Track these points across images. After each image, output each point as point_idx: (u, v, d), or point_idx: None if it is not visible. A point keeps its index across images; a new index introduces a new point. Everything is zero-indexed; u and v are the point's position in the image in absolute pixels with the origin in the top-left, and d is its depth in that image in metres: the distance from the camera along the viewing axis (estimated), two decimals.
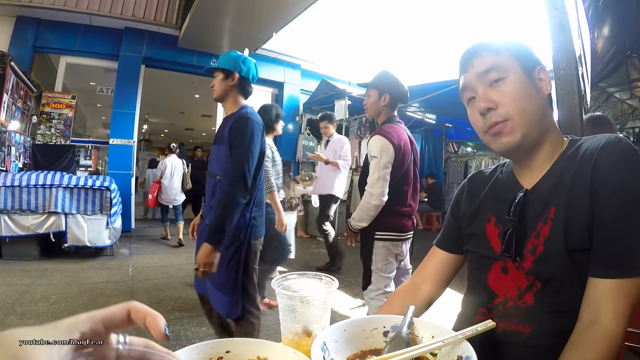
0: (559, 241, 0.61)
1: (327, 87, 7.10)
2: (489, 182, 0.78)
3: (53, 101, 5.80)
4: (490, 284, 0.71)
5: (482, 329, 0.50)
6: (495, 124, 0.66)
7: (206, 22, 5.63)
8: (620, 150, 0.59)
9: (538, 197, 0.66)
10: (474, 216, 0.77)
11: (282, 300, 0.58)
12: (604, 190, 0.58)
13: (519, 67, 0.66)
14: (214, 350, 0.49)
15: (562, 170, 0.65)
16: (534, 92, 0.66)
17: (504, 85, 0.66)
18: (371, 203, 1.81)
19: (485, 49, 0.69)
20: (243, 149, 1.53)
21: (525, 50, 0.69)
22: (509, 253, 0.66)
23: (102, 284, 3.39)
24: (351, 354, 0.54)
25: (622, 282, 0.55)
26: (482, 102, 0.67)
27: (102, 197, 4.29)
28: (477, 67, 0.68)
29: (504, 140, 0.66)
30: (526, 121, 0.64)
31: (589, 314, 0.57)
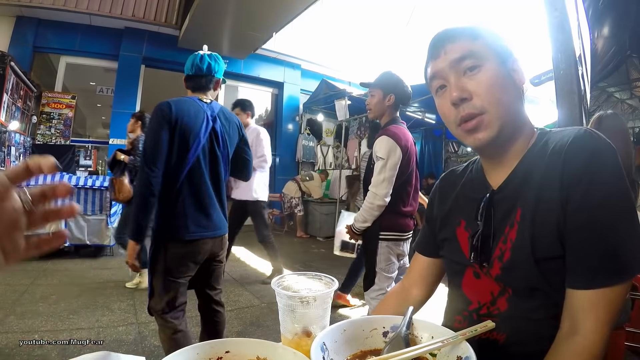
0: (526, 248, 0.57)
1: (327, 87, 7.10)
2: (460, 182, 0.74)
3: (53, 101, 5.80)
4: (464, 290, 0.68)
5: (482, 330, 0.50)
6: (469, 116, 0.60)
7: (206, 22, 5.63)
8: (591, 146, 0.54)
9: (504, 198, 0.62)
10: (446, 220, 0.74)
11: (281, 300, 0.58)
12: (576, 192, 0.53)
13: (495, 56, 0.61)
14: (214, 350, 0.49)
15: (528, 167, 0.61)
16: (510, 83, 0.62)
17: (480, 74, 0.60)
18: (375, 203, 1.81)
19: (460, 34, 0.63)
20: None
21: (500, 39, 0.64)
22: (476, 259, 0.63)
23: (102, 284, 3.38)
24: (351, 354, 0.54)
25: (602, 291, 0.51)
26: (455, 91, 0.61)
27: (102, 197, 4.29)
28: (451, 53, 0.62)
29: (480, 135, 0.61)
30: (502, 114, 0.60)
31: (569, 324, 0.54)
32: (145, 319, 2.61)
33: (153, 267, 1.45)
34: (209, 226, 1.51)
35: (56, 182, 0.36)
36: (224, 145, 1.58)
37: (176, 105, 1.45)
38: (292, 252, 5.32)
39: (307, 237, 6.49)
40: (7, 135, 4.66)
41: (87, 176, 4.79)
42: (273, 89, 8.10)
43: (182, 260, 1.45)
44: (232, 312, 2.81)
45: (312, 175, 6.83)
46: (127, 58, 6.25)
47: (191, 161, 1.45)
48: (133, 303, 2.91)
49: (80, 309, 2.69)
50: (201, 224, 1.48)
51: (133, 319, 2.59)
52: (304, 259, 4.82)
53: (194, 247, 1.47)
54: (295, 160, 7.99)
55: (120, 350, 2.08)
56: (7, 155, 4.69)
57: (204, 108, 1.52)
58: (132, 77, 6.33)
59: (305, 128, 8.01)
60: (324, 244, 5.99)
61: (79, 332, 2.31)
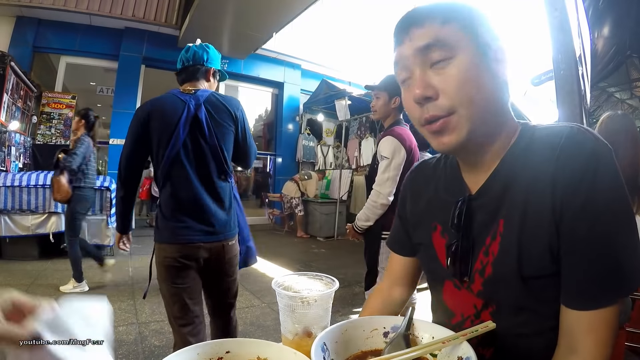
0: (511, 265, 0.51)
1: (327, 87, 7.10)
2: (433, 180, 0.66)
3: (53, 101, 5.80)
4: (445, 301, 0.62)
5: (482, 330, 0.50)
6: (434, 118, 0.51)
7: (206, 22, 5.63)
8: (589, 148, 0.47)
9: (484, 205, 0.55)
10: (420, 222, 0.66)
11: (282, 301, 0.58)
12: (572, 204, 0.46)
13: (472, 43, 0.50)
14: (214, 350, 0.49)
15: (512, 169, 0.53)
16: (489, 77, 0.51)
17: (450, 67, 0.50)
18: (378, 202, 1.82)
19: (428, 15, 0.51)
20: None
21: (481, 21, 0.52)
22: (455, 274, 0.57)
23: (102, 284, 3.38)
24: (351, 355, 0.54)
25: (603, 311, 0.47)
26: (418, 88, 0.51)
27: (102, 197, 4.29)
28: (416, 40, 0.51)
29: (445, 139, 0.52)
30: (474, 115, 0.50)
31: (566, 343, 0.49)
32: (145, 319, 2.61)
33: (156, 272, 1.41)
34: (203, 230, 1.37)
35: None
36: (211, 135, 1.39)
37: (153, 103, 1.39)
38: (293, 252, 5.33)
39: (308, 237, 6.49)
40: (7, 135, 4.66)
41: None
42: (273, 89, 8.11)
43: (174, 266, 1.35)
44: None
45: (310, 174, 6.83)
46: (127, 58, 6.26)
47: (170, 158, 1.35)
48: (133, 303, 2.91)
49: None
50: (192, 226, 1.36)
51: (133, 319, 2.59)
52: (304, 259, 4.82)
53: (184, 252, 1.35)
54: (295, 160, 7.99)
55: (120, 350, 2.08)
56: (7, 155, 4.69)
57: (184, 98, 1.39)
58: (132, 77, 6.34)
59: (305, 128, 8.02)
60: (324, 244, 6.00)
61: None
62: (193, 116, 1.37)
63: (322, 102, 7.45)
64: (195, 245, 1.36)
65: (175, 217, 1.36)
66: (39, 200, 3.98)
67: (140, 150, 1.40)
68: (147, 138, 1.37)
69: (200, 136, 1.39)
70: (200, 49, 1.48)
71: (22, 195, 3.94)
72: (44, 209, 4.00)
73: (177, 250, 1.35)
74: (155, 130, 1.36)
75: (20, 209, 3.92)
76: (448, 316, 0.61)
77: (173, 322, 1.38)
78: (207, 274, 1.45)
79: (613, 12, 2.64)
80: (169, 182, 1.37)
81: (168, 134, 1.35)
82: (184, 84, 1.47)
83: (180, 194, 1.36)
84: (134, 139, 1.38)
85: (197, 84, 1.47)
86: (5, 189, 3.88)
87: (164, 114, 1.36)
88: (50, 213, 4.03)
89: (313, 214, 6.52)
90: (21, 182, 3.94)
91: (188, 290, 1.38)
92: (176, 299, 1.36)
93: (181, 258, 1.35)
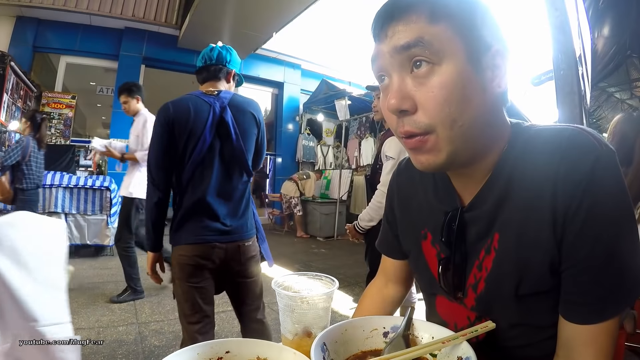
0: (505, 283, 0.48)
1: (327, 87, 7.10)
2: (422, 181, 0.60)
3: (53, 101, 5.80)
4: (439, 312, 0.60)
5: (482, 330, 0.50)
6: (409, 134, 0.45)
7: (206, 22, 5.64)
8: (592, 157, 0.42)
9: (477, 218, 0.50)
10: (409, 227, 0.62)
11: (282, 301, 0.58)
12: (575, 218, 0.42)
13: (464, 49, 0.42)
14: (214, 350, 0.49)
15: (507, 180, 0.48)
16: (478, 90, 0.43)
17: (433, 78, 0.42)
18: (383, 202, 1.81)
19: (414, 8, 0.42)
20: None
21: (480, 19, 0.44)
22: (449, 291, 0.54)
23: (102, 284, 3.38)
24: (351, 355, 0.54)
25: (606, 324, 0.44)
26: (393, 98, 0.44)
27: (102, 197, 4.30)
28: (396, 37, 0.43)
29: (422, 159, 0.46)
30: (456, 137, 0.44)
31: (566, 355, 0.47)
32: (145, 319, 2.61)
33: (172, 271, 1.42)
34: (218, 230, 1.38)
35: None
36: (237, 138, 1.40)
37: (174, 105, 1.36)
38: (292, 252, 5.32)
39: (307, 237, 6.48)
40: (7, 135, 4.66)
41: (87, 176, 4.79)
42: (273, 89, 8.11)
43: (189, 264, 1.36)
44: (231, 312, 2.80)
45: (309, 174, 6.84)
46: (127, 58, 6.25)
47: (196, 161, 1.35)
48: (133, 303, 2.91)
49: (80, 309, 2.69)
50: (208, 226, 1.37)
51: (133, 319, 2.59)
52: (304, 259, 4.81)
53: (199, 251, 1.36)
54: (295, 160, 7.99)
55: (120, 350, 2.08)
56: None
57: (209, 100, 1.39)
58: (132, 77, 6.31)
59: (305, 128, 8.02)
60: (324, 244, 6.00)
61: (79, 332, 2.29)
62: (219, 119, 1.38)
63: (322, 102, 7.45)
64: (211, 244, 1.37)
65: (193, 218, 1.36)
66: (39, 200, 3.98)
67: (169, 151, 1.36)
68: (172, 140, 1.35)
69: (226, 139, 1.39)
70: (224, 50, 1.48)
71: None
72: (44, 209, 4.00)
73: (192, 250, 1.35)
74: (181, 134, 1.34)
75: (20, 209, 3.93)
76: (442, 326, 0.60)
77: (183, 320, 1.39)
78: (223, 275, 1.45)
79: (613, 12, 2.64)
80: (191, 184, 1.36)
81: (195, 137, 1.34)
82: (205, 84, 1.46)
83: (203, 195, 1.36)
84: (159, 141, 1.34)
85: (218, 85, 1.46)
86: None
87: (189, 117, 1.34)
88: (50, 213, 4.03)
89: (313, 214, 6.52)
90: None
91: (200, 289, 1.38)
92: (188, 297, 1.37)
93: (196, 257, 1.36)
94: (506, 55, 0.45)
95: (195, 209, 1.36)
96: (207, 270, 1.39)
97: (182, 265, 1.36)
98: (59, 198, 4.07)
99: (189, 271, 1.36)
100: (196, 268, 1.36)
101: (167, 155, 1.35)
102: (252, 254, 1.49)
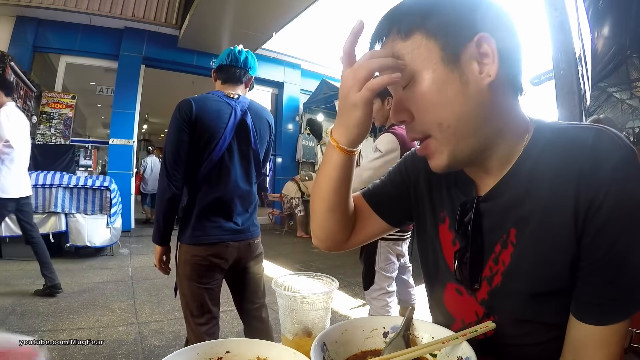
0: (522, 281, 0.48)
1: (327, 87, 7.11)
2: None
3: (53, 101, 5.79)
4: (446, 305, 0.59)
5: (482, 330, 0.50)
6: (414, 140, 0.51)
7: (206, 22, 5.63)
8: (616, 158, 0.42)
9: (494, 209, 0.51)
10: (430, 208, 0.61)
11: (282, 301, 0.58)
12: (597, 215, 0.42)
13: (438, 51, 0.45)
14: (214, 350, 0.49)
15: (527, 177, 0.48)
16: (460, 88, 0.44)
17: (416, 86, 0.46)
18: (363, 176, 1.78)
19: (386, 30, 0.48)
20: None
21: (450, 16, 0.45)
22: (462, 280, 0.54)
23: (102, 284, 3.38)
24: (351, 355, 0.54)
25: (617, 326, 0.45)
26: (394, 112, 0.50)
27: (102, 197, 4.29)
28: None
29: (432, 163, 0.50)
30: (449, 138, 0.46)
31: (574, 356, 0.47)
32: (145, 319, 2.61)
33: (177, 270, 1.40)
34: (232, 229, 1.39)
35: None
36: (255, 141, 1.45)
37: (197, 102, 1.35)
38: (292, 252, 5.32)
39: (307, 237, 6.48)
40: None
41: (87, 176, 4.79)
42: (273, 89, 8.11)
43: (202, 265, 1.35)
44: (232, 312, 2.81)
45: (311, 175, 6.83)
46: (127, 58, 6.25)
47: (214, 161, 1.36)
48: (133, 303, 2.92)
49: (80, 309, 2.69)
50: (222, 226, 1.38)
51: (133, 319, 2.59)
52: (304, 259, 4.82)
53: (214, 251, 1.36)
54: (295, 160, 7.99)
55: (120, 350, 2.08)
56: None
57: (231, 103, 1.41)
58: (132, 77, 6.33)
59: (305, 128, 8.02)
60: None
61: (79, 332, 2.31)
62: (240, 121, 1.41)
63: (322, 102, 7.45)
64: (225, 244, 1.38)
65: (207, 218, 1.36)
66: (38, 200, 3.98)
67: (187, 147, 1.35)
68: (193, 136, 1.34)
69: (245, 141, 1.43)
70: (250, 56, 1.51)
71: None
72: (44, 208, 4.00)
73: (206, 249, 1.35)
74: (203, 131, 1.34)
75: None
76: (449, 321, 0.59)
77: (190, 320, 1.39)
78: (235, 273, 1.46)
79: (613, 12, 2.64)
80: (206, 183, 1.37)
81: (216, 136, 1.36)
82: (226, 84, 1.47)
83: (218, 195, 1.37)
84: (178, 136, 1.33)
85: (237, 89, 1.49)
86: None
87: (211, 115, 1.36)
88: (50, 213, 4.03)
89: None
90: None
91: (210, 291, 1.39)
92: (196, 298, 1.37)
93: (210, 257, 1.36)
94: (492, 40, 0.44)
95: (210, 208, 1.37)
96: (218, 270, 1.40)
97: (194, 266, 1.35)
98: (59, 198, 4.07)
99: (201, 272, 1.36)
100: (208, 268, 1.37)
101: (184, 150, 1.34)
102: (260, 251, 1.53)
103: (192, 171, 1.37)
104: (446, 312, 0.59)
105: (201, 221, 1.36)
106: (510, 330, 0.51)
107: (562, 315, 0.48)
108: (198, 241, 1.35)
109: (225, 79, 1.47)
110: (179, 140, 1.33)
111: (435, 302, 0.63)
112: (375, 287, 1.89)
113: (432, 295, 0.64)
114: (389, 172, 0.69)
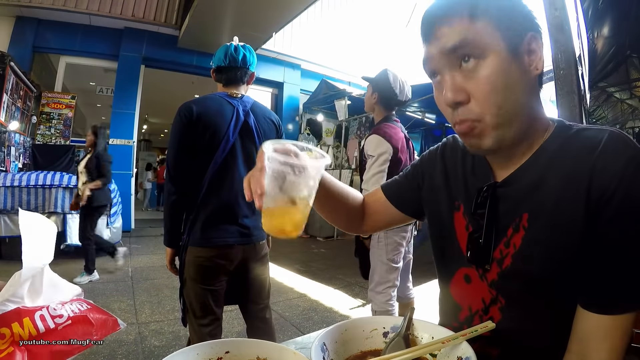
0: (532, 264, 0.50)
1: (327, 87, 7.10)
2: (462, 157, 0.64)
3: (53, 101, 5.80)
4: (452, 293, 0.61)
5: (482, 330, 0.50)
6: (463, 121, 0.50)
7: (206, 22, 5.63)
8: (629, 152, 0.45)
9: (510, 194, 0.54)
10: (444, 197, 0.64)
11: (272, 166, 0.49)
12: (608, 206, 0.44)
13: (503, 42, 0.47)
14: (214, 350, 0.49)
15: (544, 167, 0.51)
16: (519, 77, 0.48)
17: (481, 71, 0.47)
18: (370, 188, 1.82)
19: (455, 11, 0.48)
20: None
21: (513, 11, 0.49)
22: (477, 262, 0.56)
23: (102, 284, 3.38)
24: (351, 355, 0.54)
25: (623, 317, 0.46)
26: (449, 92, 0.49)
27: None
28: (443, 38, 0.49)
29: (473, 142, 0.52)
30: (502, 121, 0.49)
31: (579, 349, 0.48)
32: (145, 319, 2.61)
33: (182, 272, 1.39)
34: (238, 232, 1.38)
35: None
36: (260, 142, 1.40)
37: (199, 105, 1.34)
38: (292, 252, 5.32)
39: (307, 237, 6.48)
40: (7, 135, 4.66)
41: None
42: (273, 89, 8.11)
43: (207, 266, 1.34)
44: (232, 312, 2.81)
45: None
46: (127, 58, 6.25)
47: (219, 162, 1.34)
48: (133, 303, 2.91)
49: None
50: (228, 229, 1.36)
51: (133, 319, 2.59)
52: (304, 259, 4.81)
53: (219, 253, 1.35)
54: None
55: (120, 350, 2.08)
56: (7, 156, 4.69)
57: (233, 103, 1.39)
58: (132, 77, 6.33)
59: (305, 128, 8.02)
60: (324, 244, 6.00)
61: None
62: (243, 122, 1.38)
63: (321, 102, 7.45)
64: (230, 246, 1.36)
65: (212, 220, 1.35)
66: (38, 200, 3.98)
67: (189, 150, 1.34)
68: (194, 138, 1.33)
69: (249, 142, 1.40)
70: (248, 52, 1.46)
71: (22, 195, 3.94)
72: (44, 209, 4.01)
73: (211, 251, 1.34)
74: (205, 132, 1.33)
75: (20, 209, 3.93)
76: (455, 310, 0.60)
77: (193, 321, 1.38)
78: (240, 275, 1.44)
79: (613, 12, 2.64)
80: (212, 185, 1.35)
81: (218, 137, 1.34)
82: (229, 86, 1.45)
83: (223, 197, 1.36)
84: (179, 140, 1.33)
85: (240, 89, 1.46)
86: (5, 189, 3.88)
87: (214, 117, 1.34)
88: (50, 213, 4.03)
89: (313, 214, 6.52)
90: (21, 182, 3.94)
91: (214, 292, 1.38)
92: (200, 299, 1.36)
93: (215, 258, 1.34)
94: (539, 39, 0.50)
95: (216, 210, 1.35)
96: (223, 272, 1.38)
97: (199, 267, 1.34)
98: (59, 198, 4.07)
99: (206, 273, 1.35)
100: (213, 270, 1.35)
101: (186, 154, 1.34)
102: (265, 252, 1.51)
103: (197, 173, 1.36)
104: (452, 301, 0.61)
105: (207, 223, 1.34)
106: (516, 318, 0.52)
107: (567, 305, 0.50)
108: (203, 243, 1.34)
109: (227, 82, 1.45)
110: (180, 143, 1.33)
111: (444, 289, 0.65)
112: (381, 280, 1.88)
113: (441, 285, 0.66)
114: (407, 168, 0.75)
